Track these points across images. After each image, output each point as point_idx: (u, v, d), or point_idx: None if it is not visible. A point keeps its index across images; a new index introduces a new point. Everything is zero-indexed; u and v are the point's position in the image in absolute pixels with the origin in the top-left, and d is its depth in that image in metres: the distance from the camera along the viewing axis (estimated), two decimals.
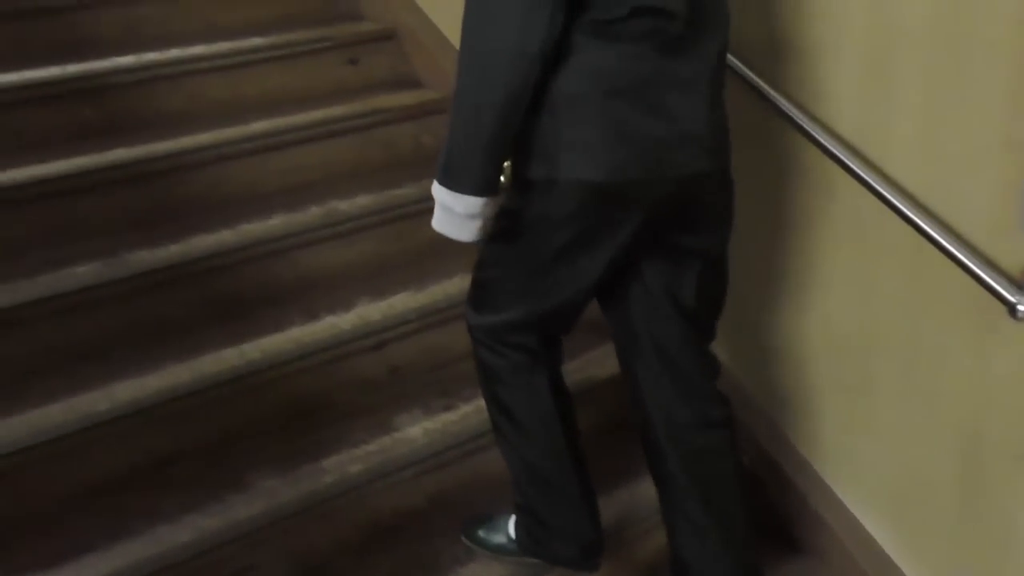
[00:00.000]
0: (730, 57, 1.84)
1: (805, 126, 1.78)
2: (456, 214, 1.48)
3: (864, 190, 1.71)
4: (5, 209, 2.12)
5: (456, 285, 2.24)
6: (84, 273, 2.05)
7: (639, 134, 1.44)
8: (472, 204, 1.46)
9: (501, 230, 1.55)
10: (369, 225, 2.35)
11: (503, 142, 1.43)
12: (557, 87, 1.42)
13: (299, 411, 2.03)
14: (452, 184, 1.46)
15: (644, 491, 1.96)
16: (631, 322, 1.68)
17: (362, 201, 2.40)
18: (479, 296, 1.69)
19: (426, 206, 2.31)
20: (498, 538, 1.92)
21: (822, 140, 1.76)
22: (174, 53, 2.59)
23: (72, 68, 2.45)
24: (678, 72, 1.45)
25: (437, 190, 1.50)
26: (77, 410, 1.84)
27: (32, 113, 2.35)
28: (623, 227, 1.50)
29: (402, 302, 2.22)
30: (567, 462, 1.75)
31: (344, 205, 2.38)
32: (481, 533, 1.94)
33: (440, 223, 1.52)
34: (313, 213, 2.33)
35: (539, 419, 1.72)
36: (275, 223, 2.28)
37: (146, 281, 2.07)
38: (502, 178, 1.47)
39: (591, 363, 2.19)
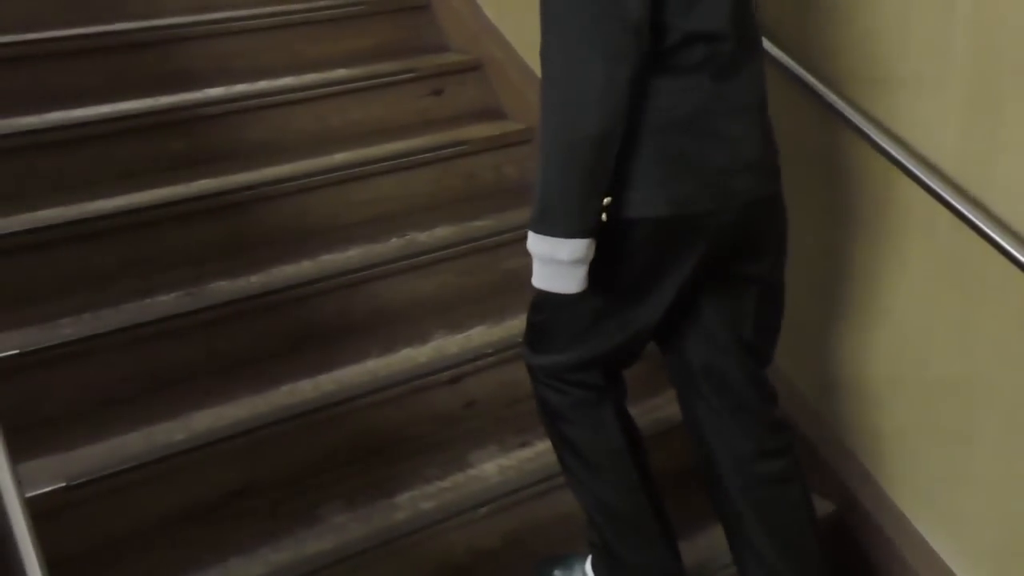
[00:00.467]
0: (825, 88, 1.78)
1: (902, 160, 1.69)
2: (560, 263, 1.38)
3: (966, 228, 1.61)
4: (94, 239, 2.17)
5: None
6: (167, 303, 2.07)
7: (700, 165, 1.40)
8: (577, 247, 1.37)
9: None
10: (448, 257, 2.32)
11: (601, 174, 1.36)
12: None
13: (373, 445, 2.01)
14: (552, 229, 1.37)
15: (723, 537, 1.87)
16: (688, 357, 1.63)
17: (441, 233, 2.38)
18: (536, 337, 1.63)
19: (504, 238, 2.36)
20: None
21: (921, 175, 1.67)
22: (262, 85, 2.63)
23: (164, 100, 2.51)
24: (731, 97, 1.41)
25: (535, 242, 1.40)
26: (154, 440, 1.85)
27: (123, 144, 2.40)
28: (687, 260, 1.45)
29: (479, 335, 2.19)
30: (641, 497, 1.68)
31: (423, 236, 2.36)
32: (557, 573, 1.88)
33: (543, 278, 1.42)
34: (392, 245, 2.32)
35: (607, 454, 1.66)
36: (354, 254, 2.28)
37: (227, 311, 2.08)
38: (603, 216, 1.39)
39: (660, 407, 2.12)
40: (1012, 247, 1.55)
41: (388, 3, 2.96)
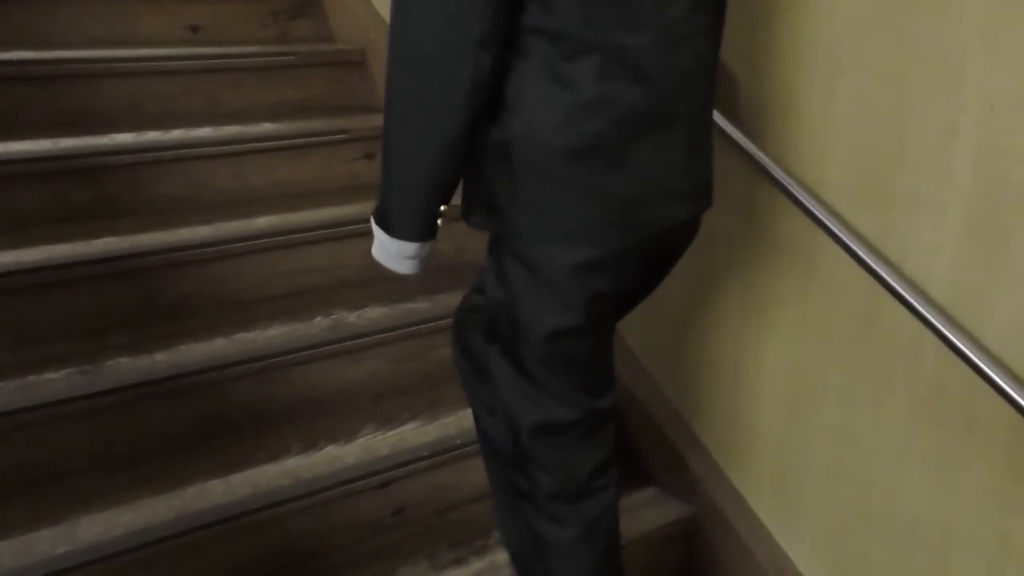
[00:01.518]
0: (809, 196, 1.68)
1: (891, 281, 1.58)
2: (398, 256, 1.38)
3: (958, 360, 1.51)
4: None
5: (471, 417, 2.00)
6: (56, 382, 1.80)
7: (602, 194, 1.30)
8: (406, 248, 1.35)
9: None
10: (379, 343, 2.11)
11: (440, 190, 1.30)
12: (507, 147, 1.28)
13: (291, 558, 1.77)
14: (387, 229, 1.35)
15: None
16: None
17: (372, 314, 2.18)
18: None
19: (441, 324, 2.17)
20: None
21: (910, 299, 1.56)
22: (177, 134, 2.38)
23: (65, 143, 2.23)
24: (653, 116, 1.30)
25: (374, 224, 1.38)
26: (32, 552, 1.56)
27: (14, 191, 2.12)
28: (601, 280, 1.36)
29: (412, 434, 1.98)
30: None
31: (352, 317, 2.15)
32: None
33: (377, 254, 1.41)
34: (318, 325, 2.10)
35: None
36: (275, 334, 2.05)
37: (127, 395, 1.82)
38: (439, 222, 1.35)
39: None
40: (1008, 386, 1.45)
41: (321, 56, 2.77)
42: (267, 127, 2.51)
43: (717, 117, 1.80)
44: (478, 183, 1.34)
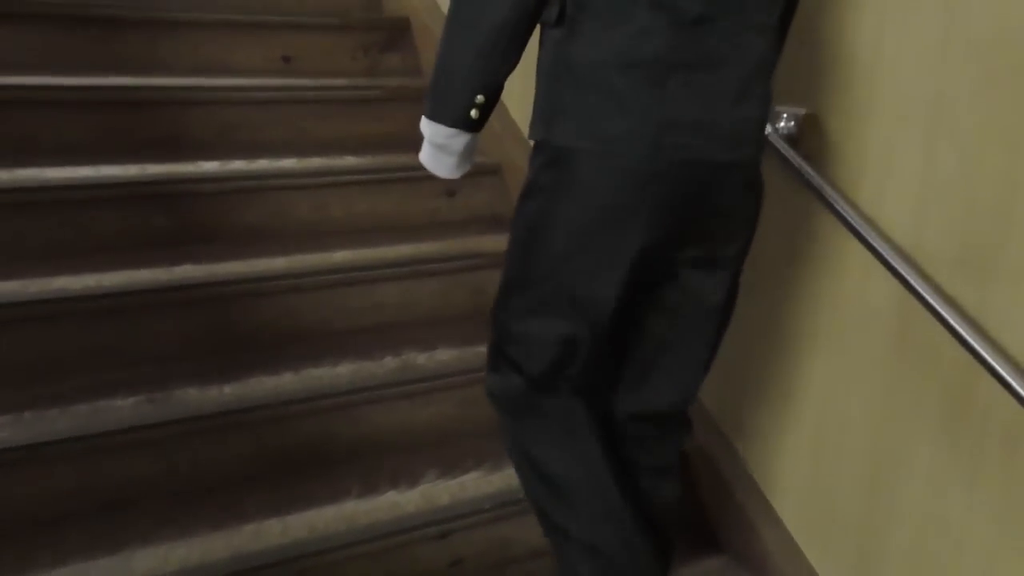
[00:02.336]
0: (903, 263, 1.58)
1: (990, 360, 1.48)
2: (431, 143, 1.43)
3: None
4: (51, 322, 1.90)
5: None
6: (124, 409, 1.80)
7: (635, 110, 1.33)
8: (440, 132, 1.40)
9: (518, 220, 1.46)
10: (447, 386, 2.07)
11: (481, 68, 1.35)
12: (571, 60, 1.35)
13: None
14: (427, 111, 1.41)
15: None
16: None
17: (442, 355, 2.14)
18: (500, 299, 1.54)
19: None
20: None
21: (1009, 378, 1.45)
22: (262, 164, 2.40)
23: (152, 169, 2.27)
24: (695, 50, 1.34)
25: (422, 123, 1.43)
26: None
27: (101, 214, 2.15)
28: (631, 221, 1.37)
29: (474, 484, 1.93)
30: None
31: (422, 358, 2.12)
32: None
33: (423, 154, 1.47)
34: (387, 365, 2.07)
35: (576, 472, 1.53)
36: (343, 371, 2.03)
37: (192, 426, 1.81)
38: (473, 113, 1.38)
39: None
40: None
41: (407, 91, 2.76)
42: (350, 160, 2.52)
43: (808, 172, 1.73)
44: (541, 95, 1.41)
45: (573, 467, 1.52)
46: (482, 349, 2.15)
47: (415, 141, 2.71)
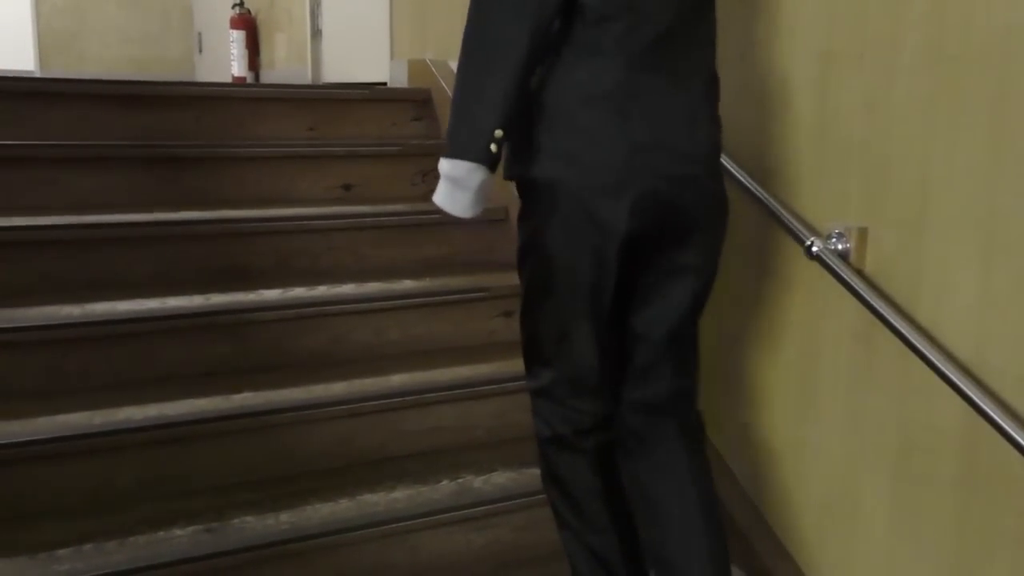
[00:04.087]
0: (962, 379, 1.53)
1: None
2: (449, 180, 1.54)
3: None
4: (116, 453, 1.94)
5: None
6: (183, 540, 1.81)
7: (608, 139, 1.52)
8: (458, 167, 1.52)
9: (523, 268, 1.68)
10: (504, 510, 2.04)
11: (495, 115, 1.48)
12: (543, 100, 1.54)
13: None
14: (449, 151, 1.53)
15: None
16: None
17: (498, 479, 2.12)
18: (529, 352, 1.75)
19: None
20: None
21: None
22: (321, 290, 2.45)
23: (216, 299, 2.34)
24: (652, 81, 1.54)
25: (440, 165, 1.55)
26: None
27: (166, 345, 2.21)
28: (610, 232, 1.54)
29: None
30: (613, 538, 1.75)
31: (478, 482, 2.10)
32: None
33: (437, 195, 1.57)
34: (444, 489, 2.05)
35: (586, 492, 1.74)
36: (400, 496, 2.01)
37: (248, 556, 1.81)
38: (492, 147, 1.50)
39: None
40: None
41: None
42: (408, 284, 2.56)
43: (863, 288, 1.70)
44: (520, 141, 1.57)
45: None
46: (539, 471, 2.13)
47: (472, 262, 2.79)
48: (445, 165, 1.54)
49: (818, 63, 1.85)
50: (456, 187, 1.53)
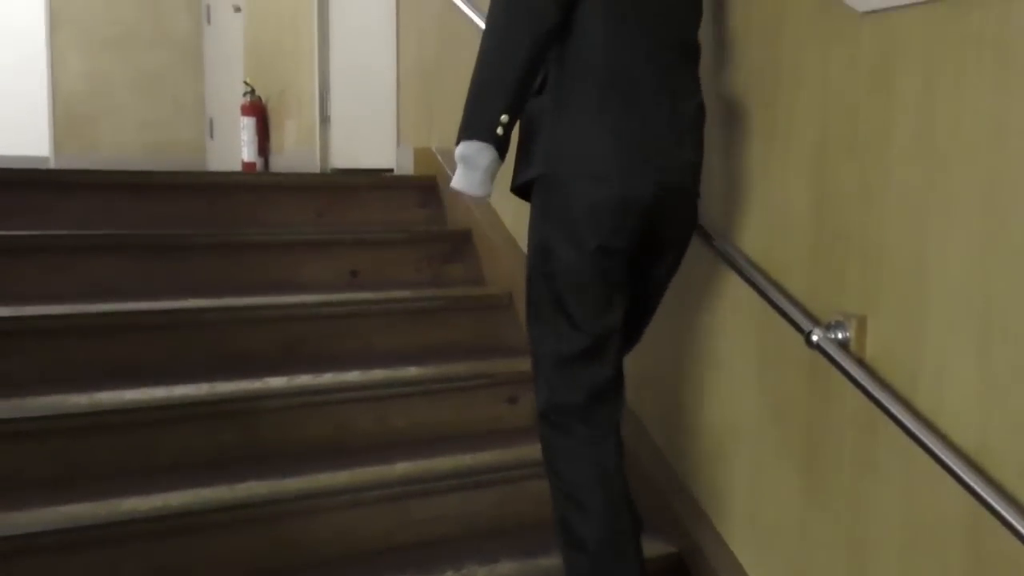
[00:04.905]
0: (964, 468, 1.53)
1: None
2: (462, 160, 1.72)
3: None
4: (117, 546, 1.94)
5: None
6: None
7: (606, 156, 1.77)
8: (471, 147, 1.71)
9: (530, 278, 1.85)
10: None
11: (496, 93, 1.71)
12: (544, 108, 1.80)
13: None
14: (461, 135, 1.73)
15: None
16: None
17: (503, 568, 2.10)
18: (538, 371, 1.88)
19: None
20: None
21: None
22: (327, 378, 2.47)
23: (221, 387, 2.35)
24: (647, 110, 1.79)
25: (456, 153, 1.74)
26: None
27: (172, 433, 2.23)
28: (605, 233, 1.76)
29: None
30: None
31: (482, 572, 2.08)
32: None
33: (455, 179, 1.75)
34: None
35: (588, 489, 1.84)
36: None
37: None
38: (499, 130, 1.70)
39: None
40: None
41: (470, 299, 2.86)
42: (413, 371, 2.58)
43: (863, 377, 1.71)
44: (522, 150, 1.83)
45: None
46: (545, 561, 2.12)
47: (477, 347, 2.81)
48: (459, 148, 1.73)
49: (812, 152, 1.89)
50: (468, 166, 1.72)
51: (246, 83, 5.58)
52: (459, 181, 1.74)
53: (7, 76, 6.07)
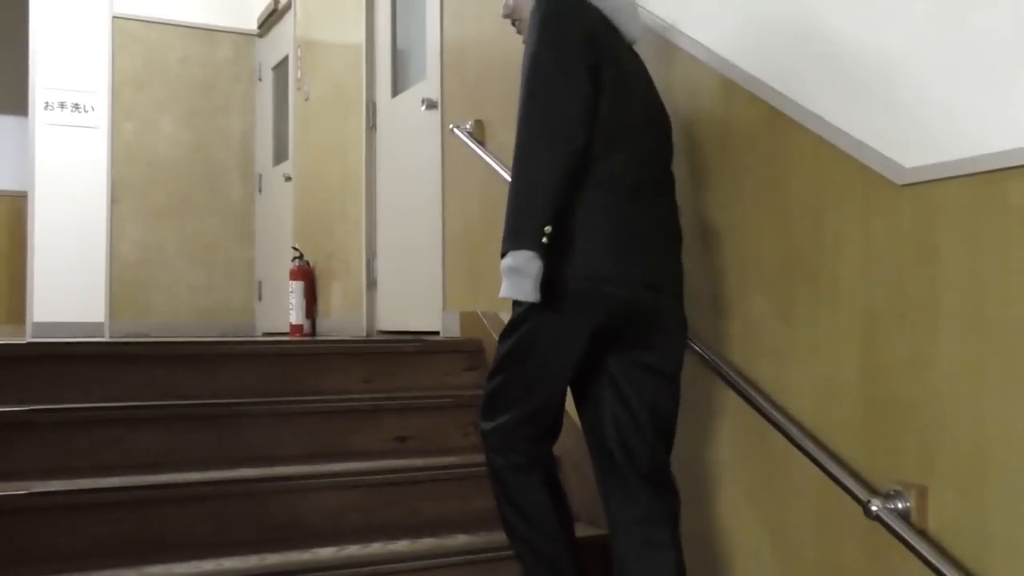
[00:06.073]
0: None
1: None
2: (512, 271, 1.83)
3: None
4: None
5: None
6: None
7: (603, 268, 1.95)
8: (522, 256, 1.83)
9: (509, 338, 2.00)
10: None
11: (552, 207, 1.86)
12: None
13: None
14: (508, 246, 1.85)
15: None
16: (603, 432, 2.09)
17: None
18: (490, 404, 2.07)
19: None
20: None
21: None
22: (375, 547, 2.45)
23: (270, 559, 2.34)
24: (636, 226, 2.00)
25: (502, 265, 1.86)
26: None
27: None
28: (580, 328, 1.95)
29: None
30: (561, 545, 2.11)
31: None
32: None
33: (503, 289, 1.85)
34: None
35: (536, 507, 2.08)
36: None
37: None
38: (544, 240, 1.84)
39: None
40: None
41: None
42: (461, 539, 2.54)
43: (928, 552, 1.65)
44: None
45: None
46: None
47: None
48: (507, 259, 1.84)
49: (860, 319, 1.90)
50: (519, 275, 1.82)
51: (295, 248, 5.75)
52: (511, 290, 1.83)
53: (72, 244, 6.32)
